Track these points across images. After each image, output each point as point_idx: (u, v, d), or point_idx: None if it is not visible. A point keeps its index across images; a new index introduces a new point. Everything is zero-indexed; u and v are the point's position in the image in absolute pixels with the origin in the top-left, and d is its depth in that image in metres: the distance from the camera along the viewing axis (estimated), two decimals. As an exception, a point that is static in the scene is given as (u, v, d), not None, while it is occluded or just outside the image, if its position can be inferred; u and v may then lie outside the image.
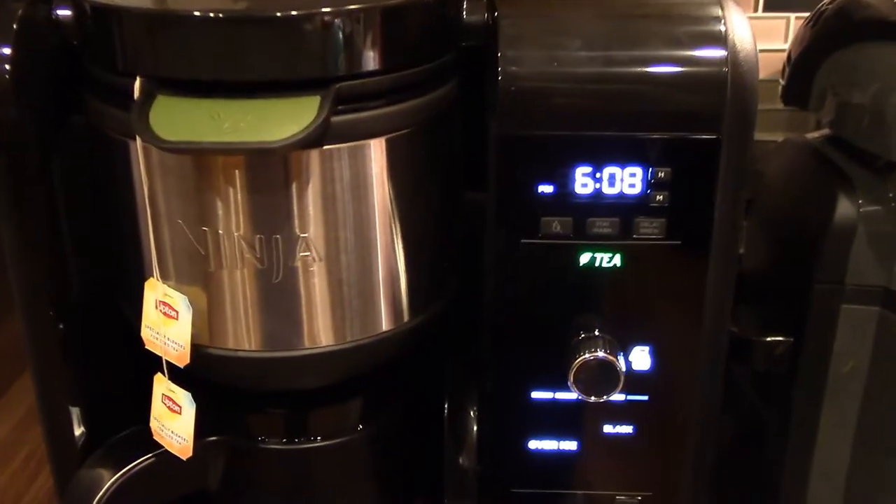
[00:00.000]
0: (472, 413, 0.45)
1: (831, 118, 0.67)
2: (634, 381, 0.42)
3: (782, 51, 0.73)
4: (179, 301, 0.38)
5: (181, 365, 0.39)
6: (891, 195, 0.62)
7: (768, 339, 0.67)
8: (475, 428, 0.45)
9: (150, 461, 0.43)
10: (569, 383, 0.40)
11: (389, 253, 0.40)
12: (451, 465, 0.45)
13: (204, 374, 0.40)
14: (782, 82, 0.72)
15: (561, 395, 0.43)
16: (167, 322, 0.39)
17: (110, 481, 0.43)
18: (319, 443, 0.45)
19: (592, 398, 0.41)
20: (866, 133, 0.63)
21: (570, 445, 0.44)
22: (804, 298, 0.65)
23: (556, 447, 0.44)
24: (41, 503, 0.59)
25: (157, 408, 0.41)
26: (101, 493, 0.43)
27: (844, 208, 0.62)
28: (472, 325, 0.44)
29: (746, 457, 0.76)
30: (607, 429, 0.44)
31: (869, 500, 0.69)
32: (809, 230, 0.65)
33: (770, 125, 0.82)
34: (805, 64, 0.66)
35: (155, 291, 0.39)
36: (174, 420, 0.40)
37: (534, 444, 0.44)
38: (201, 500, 0.46)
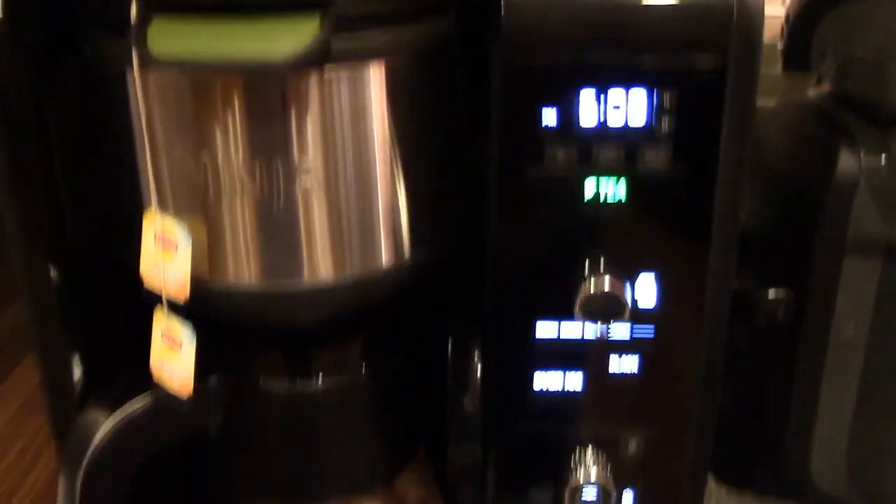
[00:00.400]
0: (475, 356, 0.44)
1: (832, 75, 0.67)
2: (640, 314, 0.42)
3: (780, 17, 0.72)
4: (178, 232, 0.37)
5: (181, 299, 0.39)
6: (893, 148, 0.62)
7: (770, 296, 0.66)
8: (479, 370, 0.44)
9: (149, 403, 0.42)
10: (574, 312, 0.40)
11: (390, 186, 0.39)
12: (454, 408, 0.45)
13: (204, 310, 0.39)
14: (781, 46, 0.72)
15: (566, 333, 0.42)
16: (166, 255, 0.38)
17: (109, 425, 0.42)
18: (321, 384, 0.44)
19: (598, 324, 0.40)
20: (868, 86, 0.63)
21: (575, 385, 0.44)
22: (806, 254, 0.64)
23: (560, 387, 0.44)
24: (37, 495, 0.59)
25: (157, 346, 0.40)
26: (99, 437, 0.42)
27: (846, 162, 0.62)
28: (476, 272, 0.43)
29: (747, 422, 0.76)
30: (613, 368, 0.43)
31: (873, 460, 0.69)
32: (811, 186, 0.65)
33: (769, 91, 0.81)
34: (804, 23, 0.66)
35: (153, 224, 0.38)
36: (174, 357, 0.40)
37: (538, 385, 0.44)
38: (201, 445, 0.45)
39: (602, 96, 0.38)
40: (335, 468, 0.47)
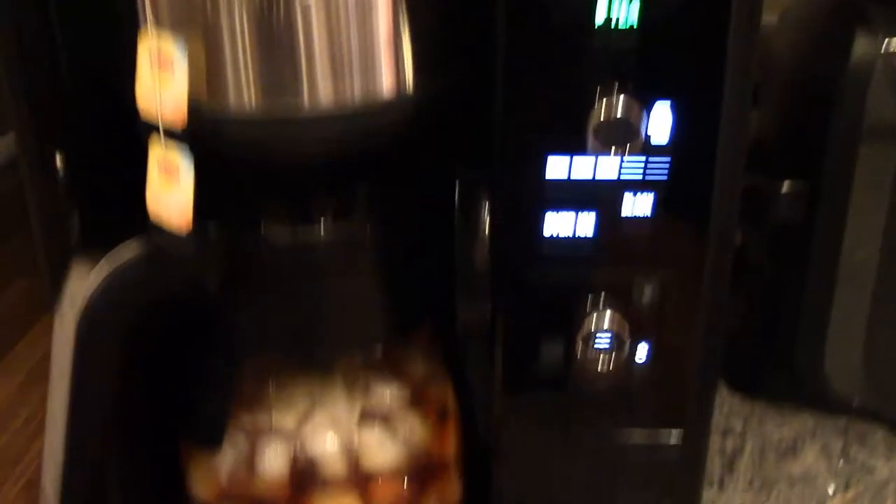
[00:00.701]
0: (483, 204, 0.43)
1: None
2: (653, 148, 0.40)
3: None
4: (174, 50, 0.36)
5: (178, 125, 0.37)
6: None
7: (784, 189, 0.65)
8: (487, 218, 0.43)
9: (146, 248, 0.41)
10: (587, 143, 0.38)
11: (392, 13, 0.38)
12: (462, 261, 0.43)
13: (201, 140, 0.38)
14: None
15: (577, 172, 0.41)
16: (162, 77, 0.37)
17: (104, 272, 0.41)
18: (325, 233, 0.43)
19: (612, 155, 0.39)
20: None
21: (587, 229, 0.42)
22: (821, 144, 0.63)
23: (571, 231, 0.42)
24: (41, 465, 0.59)
25: (153, 180, 0.39)
26: (93, 284, 0.41)
27: (862, 44, 0.61)
28: (484, 113, 0.42)
29: (760, 329, 0.74)
30: (625, 210, 0.42)
31: (889, 359, 0.67)
32: (827, 72, 0.64)
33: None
34: None
35: (148, 43, 0.37)
36: (171, 189, 0.38)
37: (549, 229, 0.42)
38: (199, 300, 0.44)
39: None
40: (340, 323, 0.45)
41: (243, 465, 0.48)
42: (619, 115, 0.38)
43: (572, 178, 0.41)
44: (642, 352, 0.44)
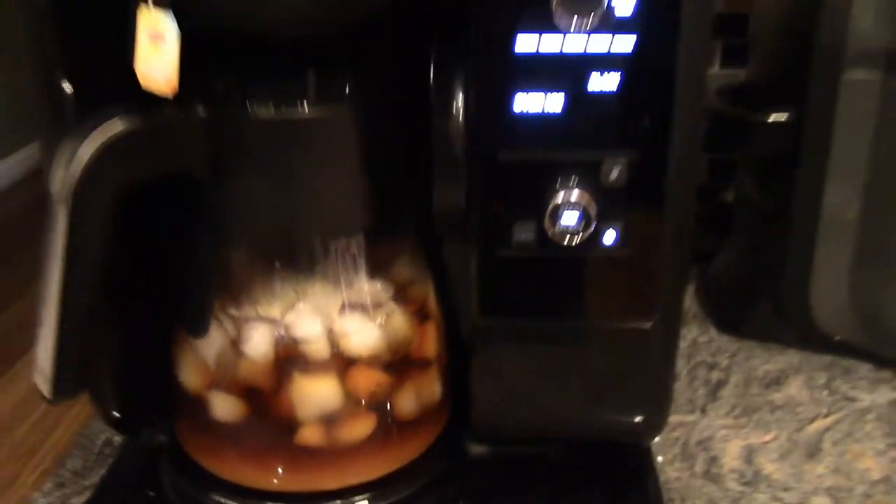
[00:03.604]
0: (458, 87, 0.45)
1: None
2: (617, 20, 0.42)
3: None
4: None
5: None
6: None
7: (770, 119, 0.66)
8: (461, 98, 0.45)
9: (137, 124, 0.43)
10: (552, 6, 0.40)
11: None
12: (439, 143, 0.45)
13: (187, 12, 0.40)
14: None
15: (546, 47, 0.43)
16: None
17: (95, 143, 0.43)
18: (308, 110, 0.45)
19: (573, 24, 0.40)
20: None
21: (556, 106, 0.44)
22: (804, 70, 0.64)
23: (540, 108, 0.44)
24: (59, 455, 0.63)
25: (142, 46, 0.41)
26: (87, 158, 0.43)
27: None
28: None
29: (748, 268, 0.75)
30: (592, 86, 0.44)
31: (874, 294, 0.68)
32: (808, 7, 0.65)
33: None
34: None
35: None
36: (158, 53, 0.41)
37: (519, 106, 0.44)
38: (186, 181, 0.46)
39: None
40: (322, 204, 0.47)
41: (230, 349, 0.50)
42: None
43: (540, 52, 0.43)
44: (611, 235, 0.46)
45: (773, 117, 0.67)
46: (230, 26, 0.42)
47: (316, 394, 0.50)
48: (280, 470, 0.51)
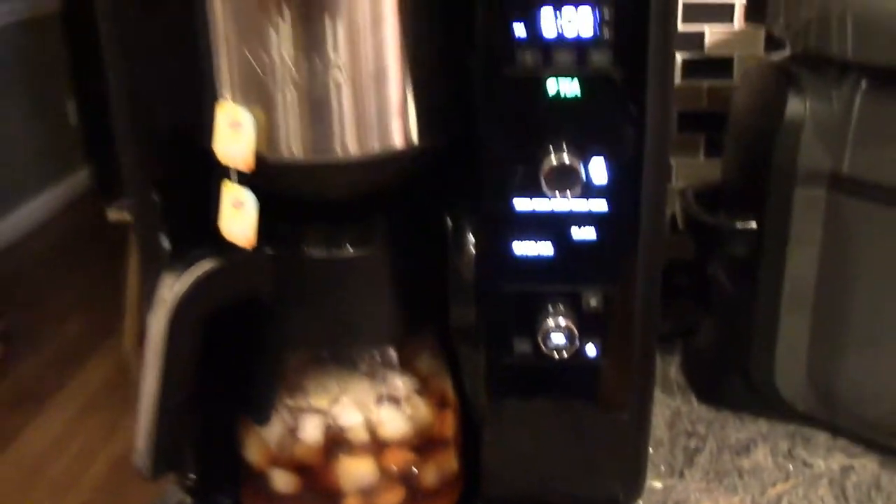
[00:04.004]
0: (469, 232, 0.58)
1: (785, 33, 0.79)
2: (593, 190, 0.54)
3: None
4: (244, 114, 0.51)
5: (246, 170, 0.52)
6: (834, 96, 0.74)
7: (738, 227, 0.79)
8: (472, 242, 0.57)
9: (220, 263, 0.56)
10: (542, 183, 0.53)
11: (401, 82, 0.53)
12: (454, 274, 0.58)
13: (261, 182, 0.53)
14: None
15: (538, 207, 0.56)
16: (234, 135, 0.52)
17: (189, 278, 0.56)
18: (350, 252, 0.58)
19: (558, 194, 0.53)
20: (813, 44, 0.75)
21: (547, 250, 0.57)
22: (764, 186, 0.77)
23: (536, 252, 0.57)
24: (94, 489, 0.68)
25: (226, 211, 0.54)
26: (180, 287, 0.56)
27: (794, 105, 0.75)
28: (468, 164, 0.56)
29: (724, 347, 0.88)
30: (575, 235, 0.56)
31: (827, 369, 0.80)
32: (767, 128, 0.78)
33: (727, 47, 0.96)
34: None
35: (225, 110, 0.52)
36: (239, 216, 0.54)
37: (518, 250, 0.57)
38: (259, 302, 0.59)
39: (558, 12, 0.51)
40: (361, 322, 0.60)
41: (288, 434, 0.62)
42: (564, 164, 0.52)
43: (534, 212, 0.56)
44: (591, 349, 0.58)
45: (740, 224, 0.80)
46: (294, 194, 0.55)
47: (356, 471, 0.62)
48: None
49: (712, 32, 0.96)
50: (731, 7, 0.94)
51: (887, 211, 0.72)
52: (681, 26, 0.96)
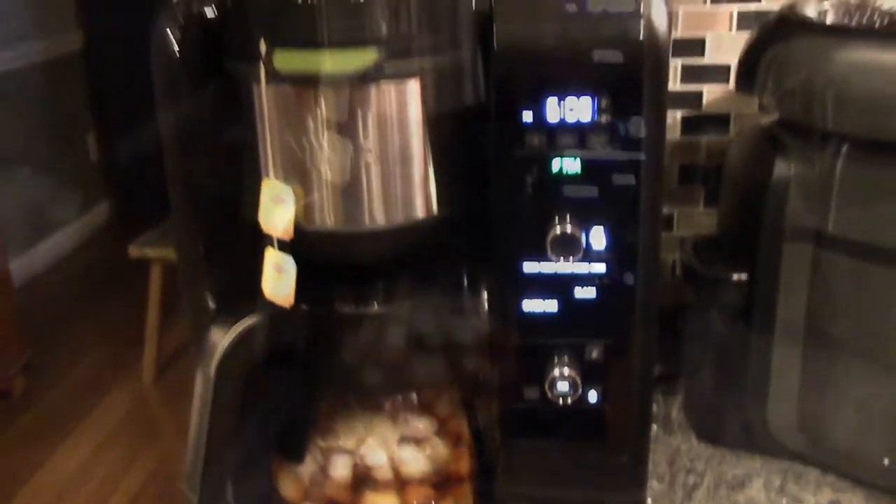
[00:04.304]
0: (484, 291, 0.65)
1: (773, 102, 0.86)
2: (594, 254, 0.61)
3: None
4: (285, 191, 0.59)
5: (287, 238, 0.60)
6: (818, 160, 0.80)
7: (734, 279, 0.85)
8: (486, 301, 0.64)
9: (261, 318, 0.63)
10: (547, 249, 0.60)
11: (423, 162, 0.60)
12: (469, 328, 0.65)
13: (300, 249, 0.60)
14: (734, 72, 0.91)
15: (544, 270, 0.62)
16: (277, 208, 0.59)
17: (234, 332, 0.63)
18: (378, 309, 0.65)
19: (562, 260, 0.60)
20: (798, 112, 0.82)
21: (552, 307, 0.64)
22: (755, 242, 0.83)
23: (542, 308, 0.64)
24: None
25: (268, 274, 0.61)
26: (226, 342, 0.63)
27: (780, 168, 0.81)
28: (482, 231, 0.63)
29: (722, 391, 0.94)
30: (577, 295, 0.63)
31: (819, 411, 0.86)
32: (757, 188, 0.84)
33: (723, 105, 1.03)
34: (749, 57, 0.86)
35: (269, 187, 0.60)
36: (281, 279, 0.61)
37: (527, 307, 0.64)
38: (296, 353, 0.66)
39: (562, 102, 0.59)
40: (390, 371, 0.67)
41: (319, 472, 0.69)
42: (567, 233, 0.59)
43: (541, 273, 0.62)
44: (593, 395, 0.65)
45: (735, 275, 0.86)
46: (328, 258, 0.62)
47: None
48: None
49: (710, 91, 1.02)
50: (728, 68, 1.01)
51: (869, 266, 0.78)
52: (680, 86, 1.02)
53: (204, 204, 0.63)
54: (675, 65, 1.00)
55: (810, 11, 0.81)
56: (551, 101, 0.58)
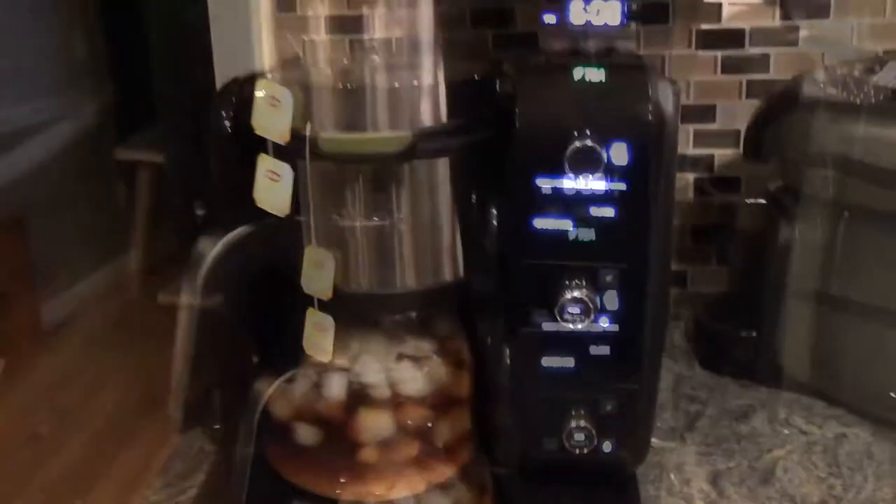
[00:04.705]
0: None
1: (776, 168, 0.89)
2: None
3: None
4: (326, 256, 0.65)
5: (326, 299, 0.65)
6: (821, 225, 0.83)
7: (743, 335, 0.89)
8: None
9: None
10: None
11: (451, 231, 0.66)
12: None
13: (338, 308, 0.65)
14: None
15: (561, 328, 0.65)
16: (317, 272, 0.65)
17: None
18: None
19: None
20: (800, 177, 0.85)
21: (568, 364, 0.67)
22: (761, 300, 0.88)
23: (558, 365, 0.67)
24: None
25: (309, 333, 0.65)
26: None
27: (785, 232, 0.85)
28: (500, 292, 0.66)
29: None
30: (592, 352, 0.66)
31: (828, 344, 0.86)
32: (763, 251, 0.88)
33: (734, 169, 1.06)
34: (755, 129, 0.91)
35: (311, 253, 0.65)
36: (322, 338, 0.65)
37: (546, 363, 0.66)
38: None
39: (578, 177, 0.63)
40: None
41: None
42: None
43: (559, 330, 0.65)
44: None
45: (743, 333, 0.90)
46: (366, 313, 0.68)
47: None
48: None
49: (720, 155, 1.07)
50: (738, 133, 1.06)
51: (870, 324, 0.81)
52: (691, 150, 1.07)
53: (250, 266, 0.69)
54: (688, 130, 1.03)
55: (812, 85, 0.85)
56: (568, 180, 0.62)
